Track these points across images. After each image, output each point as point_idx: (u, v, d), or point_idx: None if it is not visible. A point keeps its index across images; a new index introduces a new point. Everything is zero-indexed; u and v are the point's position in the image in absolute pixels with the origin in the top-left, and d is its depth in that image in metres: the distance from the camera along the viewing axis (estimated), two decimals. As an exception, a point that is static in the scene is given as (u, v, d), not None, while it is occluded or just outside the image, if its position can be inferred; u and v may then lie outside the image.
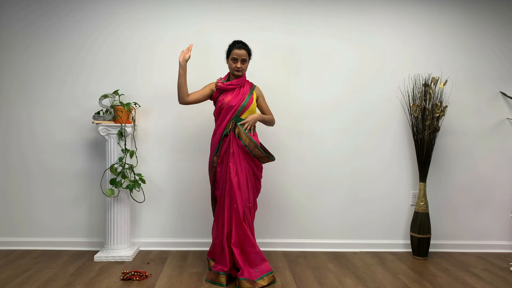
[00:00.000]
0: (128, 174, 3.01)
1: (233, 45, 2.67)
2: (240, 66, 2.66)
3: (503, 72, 3.34)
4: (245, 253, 2.58)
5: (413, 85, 3.27)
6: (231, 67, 2.69)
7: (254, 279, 2.53)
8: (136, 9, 3.17)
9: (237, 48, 2.64)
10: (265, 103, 2.84)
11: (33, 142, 3.17)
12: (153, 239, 3.24)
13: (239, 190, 2.60)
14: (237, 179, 2.61)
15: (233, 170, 2.61)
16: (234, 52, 2.65)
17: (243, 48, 2.65)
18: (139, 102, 3.16)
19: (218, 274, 2.59)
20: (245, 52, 2.66)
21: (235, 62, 2.66)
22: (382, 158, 3.32)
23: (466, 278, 2.79)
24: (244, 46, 2.67)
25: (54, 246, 3.19)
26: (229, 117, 2.65)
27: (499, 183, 3.37)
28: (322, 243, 3.29)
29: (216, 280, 2.58)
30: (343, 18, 3.25)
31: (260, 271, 2.58)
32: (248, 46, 2.71)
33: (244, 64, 2.68)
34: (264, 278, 2.57)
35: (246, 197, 2.63)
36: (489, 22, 3.32)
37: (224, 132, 2.66)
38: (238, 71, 2.67)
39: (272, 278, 2.62)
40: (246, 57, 2.68)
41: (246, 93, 2.70)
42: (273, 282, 2.61)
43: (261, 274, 2.58)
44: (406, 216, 3.34)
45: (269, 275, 2.61)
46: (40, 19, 3.13)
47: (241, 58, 2.65)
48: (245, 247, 2.58)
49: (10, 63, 3.14)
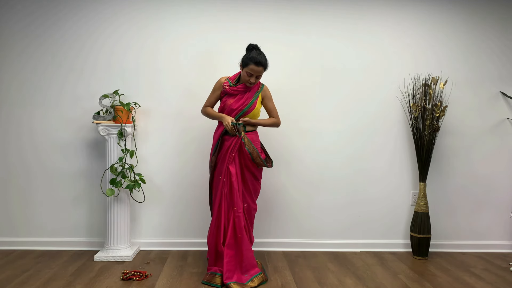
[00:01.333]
0: (128, 174, 3.01)
1: (251, 60, 2.56)
2: (253, 81, 2.63)
3: (503, 72, 3.34)
4: (241, 256, 2.58)
5: (413, 85, 3.27)
6: (245, 78, 2.63)
7: (244, 282, 2.53)
8: (137, 9, 3.16)
9: (255, 65, 2.56)
10: (271, 104, 2.80)
11: (33, 142, 3.17)
12: (153, 239, 3.24)
13: (239, 192, 2.61)
14: (237, 181, 2.61)
15: (234, 172, 2.61)
16: (251, 67, 2.56)
17: (261, 65, 2.57)
18: (139, 102, 3.16)
19: (214, 274, 2.58)
20: (262, 69, 2.59)
21: (250, 77, 2.61)
22: (382, 158, 3.32)
23: (466, 278, 2.79)
24: (262, 64, 2.58)
25: (54, 246, 3.19)
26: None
27: (499, 183, 3.37)
28: (322, 243, 3.29)
29: (212, 281, 2.56)
30: (343, 18, 3.25)
31: (250, 274, 2.59)
32: (266, 62, 2.61)
33: (257, 79, 2.64)
34: (254, 279, 2.56)
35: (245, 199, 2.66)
36: (489, 22, 3.32)
37: (224, 131, 2.67)
38: (251, 84, 2.65)
39: (262, 279, 2.60)
40: (262, 73, 2.62)
41: (250, 98, 2.67)
42: (263, 282, 2.59)
43: (251, 276, 2.57)
44: (406, 216, 3.34)
45: (258, 276, 2.60)
46: (40, 19, 3.13)
47: (257, 74, 2.61)
48: (242, 250, 2.57)
49: (10, 63, 3.14)
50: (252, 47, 2.65)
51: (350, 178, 3.31)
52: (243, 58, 2.63)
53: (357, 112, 3.29)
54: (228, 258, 2.55)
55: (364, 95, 3.29)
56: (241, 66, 2.64)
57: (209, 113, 2.78)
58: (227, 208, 2.62)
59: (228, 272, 2.53)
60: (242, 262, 2.57)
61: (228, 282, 2.49)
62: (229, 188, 2.61)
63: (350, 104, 3.29)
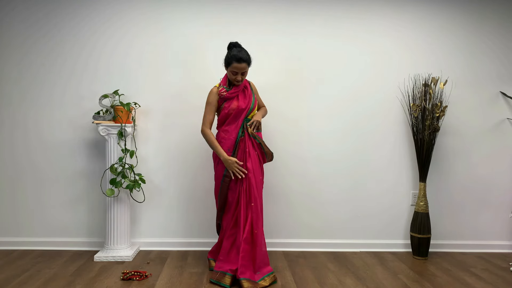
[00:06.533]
0: (128, 174, 3.01)
1: (233, 58, 2.56)
2: (240, 79, 2.63)
3: (503, 72, 3.34)
4: (255, 252, 2.59)
5: (413, 85, 3.27)
6: (231, 78, 2.64)
7: (256, 280, 2.54)
8: (138, 9, 3.16)
9: (236, 62, 2.56)
10: (258, 95, 2.88)
11: (33, 142, 3.17)
12: (153, 239, 3.24)
13: (257, 189, 2.64)
14: (254, 178, 2.64)
15: (251, 169, 2.64)
16: (234, 66, 2.57)
17: (243, 61, 2.57)
18: (139, 102, 3.16)
19: (224, 274, 2.58)
20: (245, 65, 2.59)
21: (235, 75, 2.62)
22: (382, 158, 3.32)
23: (466, 278, 2.79)
24: (244, 60, 2.57)
25: (54, 246, 3.19)
26: (241, 119, 2.67)
27: (499, 183, 3.37)
28: (322, 243, 3.29)
29: (221, 280, 2.55)
30: (343, 19, 3.25)
31: (262, 273, 2.60)
32: (248, 57, 2.61)
33: (244, 75, 2.65)
34: (266, 278, 2.58)
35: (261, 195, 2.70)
36: (489, 22, 3.31)
37: (239, 134, 2.66)
38: (238, 82, 2.65)
39: (273, 278, 2.62)
40: (246, 69, 2.62)
41: (251, 94, 2.74)
42: (274, 282, 2.61)
43: (262, 275, 2.59)
44: (406, 216, 3.34)
45: (270, 275, 2.62)
46: (42, 20, 3.13)
47: (241, 71, 2.61)
48: (257, 245, 2.59)
49: (13, 65, 3.14)
50: (233, 45, 2.65)
51: (350, 177, 3.31)
52: (225, 58, 2.64)
53: (357, 112, 3.29)
54: (244, 253, 2.55)
55: (364, 95, 3.29)
56: (225, 67, 2.65)
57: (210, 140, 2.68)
58: (246, 204, 2.63)
59: (242, 267, 2.54)
60: (256, 259, 2.59)
61: (241, 278, 2.50)
62: (247, 184, 2.63)
63: (350, 104, 3.29)
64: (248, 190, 2.63)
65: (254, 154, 2.68)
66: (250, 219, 2.60)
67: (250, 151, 2.66)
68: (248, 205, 2.62)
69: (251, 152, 2.66)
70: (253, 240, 2.60)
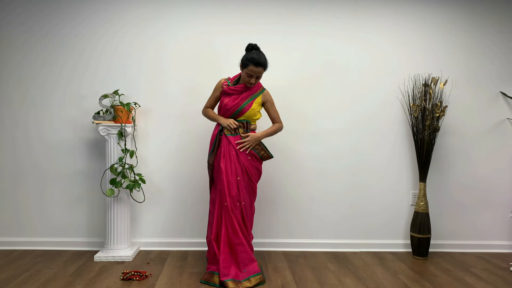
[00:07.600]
0: (128, 174, 3.01)
1: (251, 61, 2.55)
2: (254, 82, 2.63)
3: (503, 72, 3.34)
4: (234, 252, 2.58)
5: (413, 85, 3.27)
6: (245, 79, 2.63)
7: (240, 280, 2.52)
8: (139, 10, 3.16)
9: (254, 66, 2.55)
10: (273, 109, 2.78)
11: (32, 142, 3.17)
12: (153, 239, 3.24)
13: (228, 189, 2.59)
14: (227, 178, 2.60)
15: (224, 170, 2.61)
16: (250, 68, 2.55)
17: (260, 66, 2.56)
18: (139, 102, 3.17)
19: (212, 274, 2.59)
20: (262, 69, 2.58)
21: (250, 77, 2.61)
22: (382, 158, 3.32)
23: (466, 278, 2.78)
24: (262, 64, 2.57)
25: (54, 246, 3.19)
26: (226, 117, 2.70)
27: (499, 183, 3.37)
28: (322, 243, 3.29)
29: (210, 280, 2.56)
30: (343, 19, 3.25)
31: (248, 272, 2.56)
32: (266, 62, 2.61)
33: (258, 79, 2.64)
34: (251, 279, 2.54)
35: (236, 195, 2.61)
36: (489, 22, 3.32)
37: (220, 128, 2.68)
38: (251, 84, 2.65)
39: (259, 280, 2.57)
40: (262, 73, 2.62)
41: (246, 98, 2.67)
42: (261, 283, 2.57)
43: (248, 275, 2.55)
44: (406, 216, 3.34)
45: (256, 276, 2.58)
46: (43, 20, 3.13)
47: (257, 75, 2.60)
48: (233, 245, 2.57)
49: (14, 65, 3.14)
50: (252, 47, 2.63)
51: (350, 177, 3.31)
52: (242, 59, 2.62)
53: (357, 112, 3.29)
54: (224, 255, 2.55)
55: (364, 95, 3.29)
56: (241, 67, 2.64)
57: (208, 114, 2.82)
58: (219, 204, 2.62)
59: (224, 268, 2.53)
60: (238, 256, 2.56)
61: (225, 279, 2.49)
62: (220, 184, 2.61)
63: (350, 104, 3.29)
64: (220, 190, 2.61)
65: (232, 154, 2.63)
66: (224, 219, 2.59)
67: (226, 151, 2.63)
68: (222, 205, 2.61)
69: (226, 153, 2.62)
70: (230, 241, 2.57)
